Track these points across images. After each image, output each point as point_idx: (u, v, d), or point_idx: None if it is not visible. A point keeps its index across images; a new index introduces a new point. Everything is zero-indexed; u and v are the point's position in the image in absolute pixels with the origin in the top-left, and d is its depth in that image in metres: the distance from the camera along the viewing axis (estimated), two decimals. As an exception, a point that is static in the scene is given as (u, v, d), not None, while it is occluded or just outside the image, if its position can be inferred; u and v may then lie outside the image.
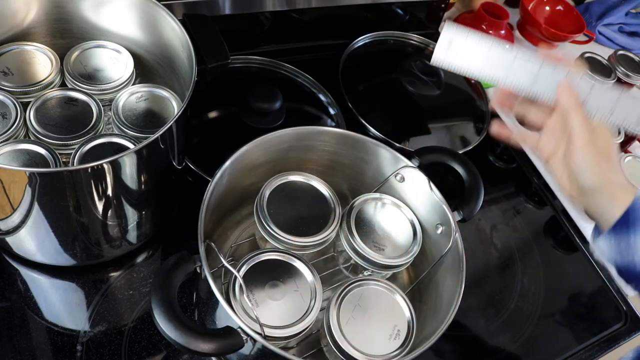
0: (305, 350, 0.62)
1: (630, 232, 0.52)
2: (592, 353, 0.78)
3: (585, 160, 0.53)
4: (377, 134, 0.86)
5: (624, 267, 0.54)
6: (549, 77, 0.54)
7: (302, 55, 0.99)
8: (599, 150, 0.53)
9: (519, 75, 0.54)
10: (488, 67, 0.54)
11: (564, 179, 0.57)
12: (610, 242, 0.54)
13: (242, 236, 0.72)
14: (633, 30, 1.29)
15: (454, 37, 0.54)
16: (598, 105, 0.54)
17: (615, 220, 0.53)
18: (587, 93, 0.54)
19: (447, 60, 0.55)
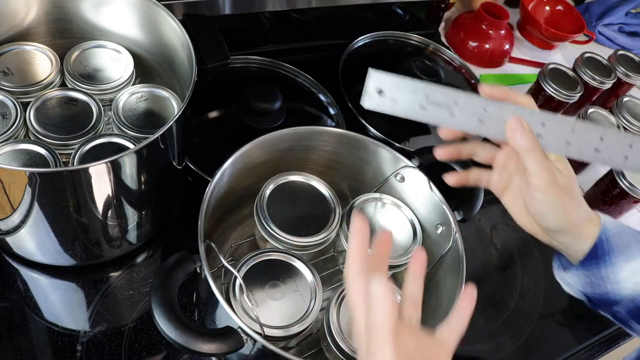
0: (305, 350, 0.62)
1: (600, 265, 0.51)
2: (592, 353, 0.78)
3: (546, 203, 0.50)
4: (377, 134, 0.86)
5: (596, 297, 0.53)
6: (497, 115, 0.50)
7: (302, 55, 0.99)
8: (562, 189, 0.50)
9: (463, 117, 0.50)
10: (429, 112, 0.50)
11: (522, 216, 0.54)
12: (579, 277, 0.53)
13: (242, 236, 0.72)
14: (633, 30, 1.29)
15: (384, 83, 0.50)
16: (553, 139, 0.50)
17: (583, 256, 0.51)
18: (540, 127, 0.50)
19: (381, 106, 0.50)
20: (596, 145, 0.50)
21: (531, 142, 0.48)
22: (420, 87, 0.49)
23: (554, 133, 0.50)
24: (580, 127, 0.49)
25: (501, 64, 1.17)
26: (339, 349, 0.56)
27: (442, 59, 1.08)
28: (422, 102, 0.49)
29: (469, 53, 1.14)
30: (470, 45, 1.14)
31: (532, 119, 0.50)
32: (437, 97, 0.49)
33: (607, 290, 0.52)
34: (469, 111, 0.49)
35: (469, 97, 0.50)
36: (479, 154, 0.57)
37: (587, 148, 0.50)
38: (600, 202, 0.90)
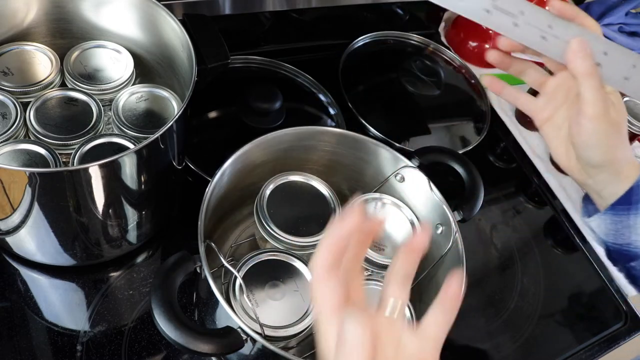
0: (305, 350, 0.62)
1: (630, 212, 0.49)
2: (592, 353, 0.78)
3: (595, 134, 0.48)
4: (377, 134, 0.86)
5: (617, 247, 0.51)
6: (561, 34, 0.47)
7: (302, 55, 0.99)
8: (612, 123, 0.48)
9: (526, 30, 0.48)
10: (493, 17, 0.48)
11: (561, 149, 0.52)
12: (606, 222, 0.51)
13: (242, 236, 0.72)
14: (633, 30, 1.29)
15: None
16: (613, 71, 0.47)
17: (617, 198, 0.49)
18: (601, 56, 0.47)
19: (446, 3, 0.48)
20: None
21: (591, 68, 0.46)
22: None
23: (615, 65, 0.48)
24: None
25: (501, 64, 1.17)
26: (339, 349, 0.56)
27: (442, 59, 1.08)
28: (488, 6, 0.48)
29: (469, 53, 1.14)
30: (470, 45, 1.14)
31: (596, 45, 0.47)
32: (504, 3, 0.47)
33: (629, 242, 0.50)
34: (534, 24, 0.48)
35: (537, 10, 0.48)
36: (530, 74, 0.55)
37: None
38: (600, 202, 0.90)
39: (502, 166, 1.00)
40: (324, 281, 0.36)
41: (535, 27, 0.48)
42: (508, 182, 0.98)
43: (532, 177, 0.98)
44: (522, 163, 1.00)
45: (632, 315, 0.84)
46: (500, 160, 1.00)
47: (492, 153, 1.01)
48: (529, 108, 0.54)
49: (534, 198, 0.96)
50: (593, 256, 0.89)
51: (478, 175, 0.68)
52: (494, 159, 1.00)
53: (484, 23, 0.48)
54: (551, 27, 0.48)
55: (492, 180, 0.96)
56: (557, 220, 0.94)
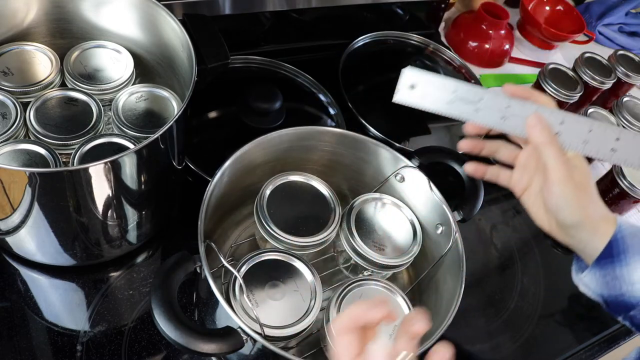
0: (305, 350, 0.62)
1: (615, 264, 0.51)
2: (592, 353, 0.78)
3: (563, 196, 0.51)
4: (377, 134, 0.86)
5: (612, 299, 0.53)
6: (518, 112, 0.53)
7: (302, 55, 0.99)
8: (577, 184, 0.51)
9: (487, 113, 0.53)
10: (455, 107, 0.53)
11: (540, 214, 0.56)
12: (595, 276, 0.53)
13: (242, 236, 0.72)
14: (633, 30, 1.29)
15: (416, 80, 0.53)
16: (572, 137, 0.52)
17: (599, 254, 0.52)
18: (558, 126, 0.52)
19: (411, 101, 0.54)
20: (612, 145, 0.52)
21: (549, 137, 0.51)
22: (448, 84, 0.53)
23: (572, 132, 0.52)
24: (597, 127, 0.52)
25: (501, 64, 1.17)
26: (339, 349, 0.56)
27: (442, 59, 1.08)
28: (449, 97, 0.53)
29: (469, 53, 1.14)
30: (470, 45, 1.14)
31: (552, 117, 0.52)
32: (464, 93, 0.52)
33: (622, 292, 0.52)
34: (493, 108, 0.53)
35: (494, 94, 0.53)
36: (502, 152, 0.60)
37: (603, 147, 0.52)
38: (600, 202, 0.90)
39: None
40: (343, 336, 0.42)
41: (495, 110, 0.53)
42: (508, 182, 0.97)
43: (532, 177, 0.98)
44: (522, 163, 1.00)
45: (632, 315, 0.84)
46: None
47: (492, 153, 1.01)
48: (508, 182, 0.59)
49: (534, 198, 0.96)
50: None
51: (478, 175, 0.68)
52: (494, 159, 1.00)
53: (448, 113, 0.53)
54: (509, 107, 0.53)
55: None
56: (557, 220, 0.93)
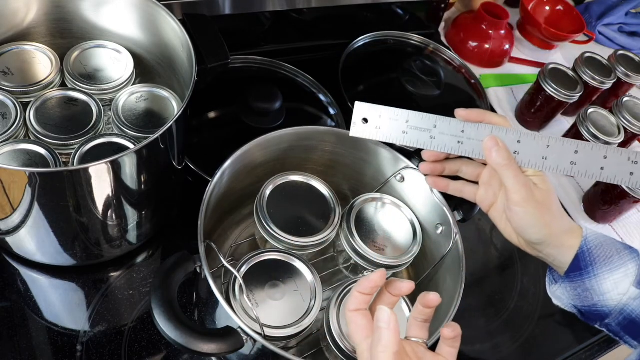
0: (305, 350, 0.62)
1: (584, 277, 0.52)
2: (592, 353, 0.78)
3: (525, 217, 0.52)
4: (377, 134, 0.86)
5: (586, 310, 0.54)
6: (474, 135, 0.53)
7: (302, 55, 0.99)
8: (539, 203, 0.52)
9: (443, 139, 0.54)
10: (410, 136, 0.55)
11: (509, 230, 0.56)
12: (567, 290, 0.54)
13: (242, 236, 0.72)
14: (633, 30, 1.29)
15: (367, 113, 0.55)
16: (530, 154, 0.53)
17: (567, 267, 0.53)
18: (516, 145, 0.53)
19: (366, 134, 0.55)
20: (572, 158, 0.52)
21: (506, 159, 0.52)
22: (400, 113, 0.54)
23: (530, 149, 0.53)
24: (554, 142, 0.52)
25: (501, 64, 1.17)
26: (339, 349, 0.56)
27: (442, 59, 1.08)
28: (403, 127, 0.54)
29: (469, 53, 1.14)
30: (470, 45, 1.14)
31: (508, 137, 0.53)
32: (417, 122, 0.54)
33: (594, 302, 0.53)
34: (448, 133, 0.54)
35: (447, 120, 0.54)
36: (464, 171, 0.60)
37: (563, 161, 0.53)
38: (600, 202, 0.90)
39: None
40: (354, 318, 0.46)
41: (450, 135, 0.54)
42: (508, 182, 0.97)
43: (532, 177, 0.98)
44: (522, 163, 1.00)
45: (632, 315, 0.84)
46: (500, 160, 1.00)
47: (492, 153, 1.01)
48: (473, 198, 0.59)
49: (534, 198, 0.96)
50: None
51: (478, 175, 0.68)
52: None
53: (404, 143, 0.55)
54: (464, 131, 0.54)
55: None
56: (557, 220, 0.93)
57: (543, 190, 0.53)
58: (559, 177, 0.98)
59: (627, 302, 0.52)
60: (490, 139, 0.52)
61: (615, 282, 0.52)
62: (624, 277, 0.51)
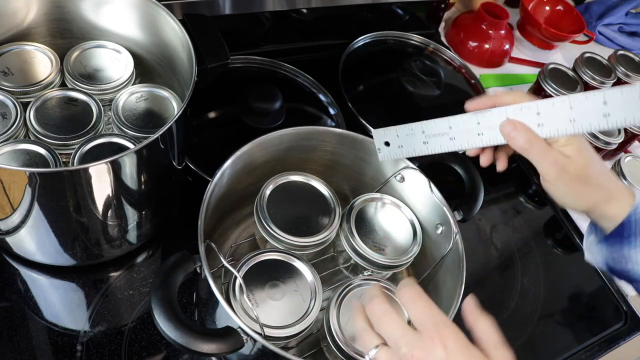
0: (305, 350, 0.62)
1: (624, 244, 0.51)
2: (592, 353, 0.78)
3: (558, 193, 0.51)
4: (377, 134, 0.86)
5: (617, 271, 0.54)
6: (491, 123, 0.51)
7: (302, 55, 0.99)
8: (573, 178, 0.50)
9: (463, 137, 0.53)
10: (432, 144, 0.55)
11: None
12: (602, 251, 0.54)
13: (242, 236, 0.72)
14: (633, 30, 1.29)
15: (385, 136, 0.56)
16: (555, 122, 0.48)
17: (614, 228, 0.52)
18: (536, 118, 0.49)
19: (393, 155, 0.57)
20: (602, 110, 0.46)
21: (527, 141, 0.49)
22: (414, 127, 0.54)
23: (553, 116, 0.49)
24: (576, 101, 0.47)
25: (501, 64, 1.17)
26: (339, 349, 0.56)
27: (442, 59, 1.08)
28: (422, 138, 0.54)
29: (469, 53, 1.14)
30: (470, 45, 1.14)
31: (524, 113, 0.49)
32: (432, 129, 0.53)
33: (628, 269, 0.52)
34: (465, 130, 0.52)
35: (459, 118, 0.52)
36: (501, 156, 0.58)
37: (594, 117, 0.47)
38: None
39: (502, 166, 1.00)
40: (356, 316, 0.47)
41: (468, 131, 0.52)
42: (508, 182, 0.98)
43: (532, 177, 0.98)
44: (522, 163, 1.00)
45: (632, 315, 0.84)
46: (500, 160, 1.00)
47: (492, 153, 1.01)
48: None
49: (534, 198, 0.96)
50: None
51: (478, 175, 0.68)
52: (494, 159, 1.00)
53: (429, 152, 0.55)
54: (479, 123, 0.52)
55: (492, 180, 0.96)
56: (557, 220, 0.94)
57: (578, 162, 0.50)
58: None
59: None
60: (506, 125, 0.50)
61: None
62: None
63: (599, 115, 0.47)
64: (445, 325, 0.41)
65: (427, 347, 0.41)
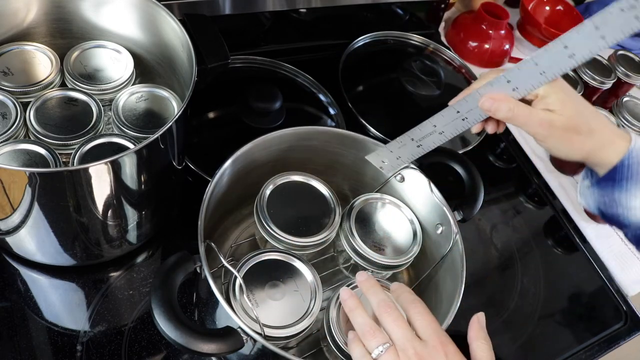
0: (305, 350, 0.62)
1: (615, 188, 0.52)
2: (592, 353, 0.78)
3: (553, 147, 0.52)
4: (377, 134, 0.86)
5: (608, 216, 0.54)
6: (470, 106, 0.54)
7: (302, 55, 0.99)
8: (562, 130, 0.51)
9: (449, 128, 0.56)
10: (425, 145, 0.58)
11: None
12: (595, 195, 0.54)
13: (242, 236, 0.72)
14: (633, 30, 1.29)
15: (380, 157, 0.60)
16: (527, 81, 0.51)
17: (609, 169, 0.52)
18: (508, 85, 0.51)
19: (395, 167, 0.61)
20: (567, 53, 0.49)
21: (509, 110, 0.51)
22: (403, 138, 0.58)
23: (523, 77, 0.51)
24: (539, 56, 0.50)
25: (501, 64, 1.17)
26: (339, 349, 0.56)
27: (442, 59, 1.08)
28: (415, 144, 0.58)
29: (469, 53, 1.14)
30: (470, 45, 1.14)
31: (497, 87, 0.52)
32: (419, 134, 0.57)
33: (618, 213, 0.53)
34: (449, 121, 0.55)
35: (439, 115, 0.56)
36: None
37: (562, 61, 0.49)
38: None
39: (502, 166, 1.00)
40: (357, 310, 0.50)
41: (452, 121, 0.56)
42: (508, 182, 0.98)
43: (532, 177, 0.98)
44: (522, 163, 1.00)
45: (632, 315, 0.84)
46: (500, 160, 1.00)
47: (492, 153, 1.01)
48: None
49: (534, 198, 0.96)
50: (593, 256, 0.89)
51: (478, 175, 0.68)
52: (494, 159, 1.00)
53: (426, 152, 0.59)
54: (459, 111, 0.55)
55: (492, 180, 0.96)
56: (557, 220, 0.94)
57: (564, 115, 0.51)
58: (559, 177, 0.98)
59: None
60: (485, 101, 0.52)
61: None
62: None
63: (564, 58, 0.49)
64: (447, 340, 0.46)
65: (432, 354, 0.45)
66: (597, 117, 0.53)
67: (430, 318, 0.47)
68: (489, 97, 0.52)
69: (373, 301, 0.49)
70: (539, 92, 0.51)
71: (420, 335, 0.46)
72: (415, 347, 0.45)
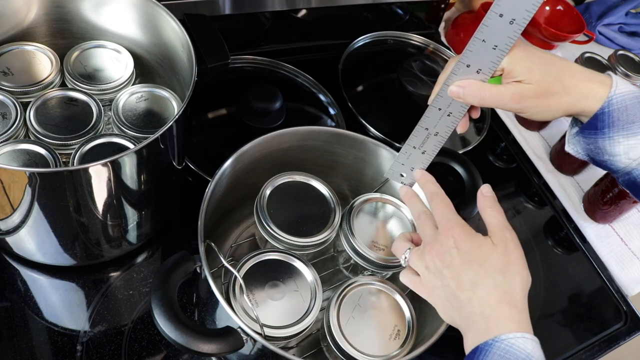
0: (305, 350, 0.62)
1: (598, 136, 0.52)
2: (592, 353, 0.78)
3: (534, 116, 0.52)
4: (377, 134, 0.86)
5: (598, 162, 0.55)
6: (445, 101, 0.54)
7: (302, 55, 0.99)
8: (535, 98, 0.51)
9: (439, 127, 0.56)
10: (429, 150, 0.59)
11: None
12: (580, 142, 0.54)
13: (242, 236, 0.72)
14: (633, 30, 1.29)
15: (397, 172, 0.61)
16: (485, 59, 0.50)
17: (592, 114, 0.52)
18: (469, 69, 0.51)
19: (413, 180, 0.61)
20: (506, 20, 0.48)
21: (478, 96, 0.51)
22: (406, 149, 0.59)
23: (480, 57, 0.51)
24: (483, 33, 0.49)
25: (501, 64, 1.17)
26: (339, 349, 0.56)
27: (442, 59, 1.08)
28: (419, 152, 0.59)
29: (469, 53, 1.13)
30: (470, 45, 1.14)
31: (461, 74, 0.52)
32: (417, 141, 0.58)
33: (604, 160, 0.53)
34: (436, 120, 0.56)
35: (424, 116, 0.56)
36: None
37: (506, 31, 0.49)
38: (600, 202, 0.90)
39: (502, 166, 1.00)
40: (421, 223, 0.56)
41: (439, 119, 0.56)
42: (508, 182, 0.98)
43: (532, 177, 0.98)
44: (522, 163, 1.00)
45: (632, 315, 0.84)
46: (500, 160, 1.00)
47: (492, 153, 1.01)
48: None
49: (534, 198, 0.96)
50: (593, 256, 0.89)
51: (478, 175, 0.68)
52: (494, 159, 1.00)
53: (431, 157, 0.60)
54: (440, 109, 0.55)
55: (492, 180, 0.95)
56: (557, 220, 0.94)
57: (532, 82, 0.50)
58: (559, 177, 0.98)
59: (636, 167, 0.52)
60: (453, 91, 0.52)
61: (629, 147, 0.51)
62: (637, 144, 0.51)
63: (506, 26, 0.49)
64: (456, 221, 0.53)
65: (440, 239, 0.52)
66: (569, 71, 0.52)
67: (444, 204, 0.55)
68: (456, 84, 0.52)
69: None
70: (504, 66, 0.51)
71: (437, 224, 0.54)
72: (429, 239, 0.53)
